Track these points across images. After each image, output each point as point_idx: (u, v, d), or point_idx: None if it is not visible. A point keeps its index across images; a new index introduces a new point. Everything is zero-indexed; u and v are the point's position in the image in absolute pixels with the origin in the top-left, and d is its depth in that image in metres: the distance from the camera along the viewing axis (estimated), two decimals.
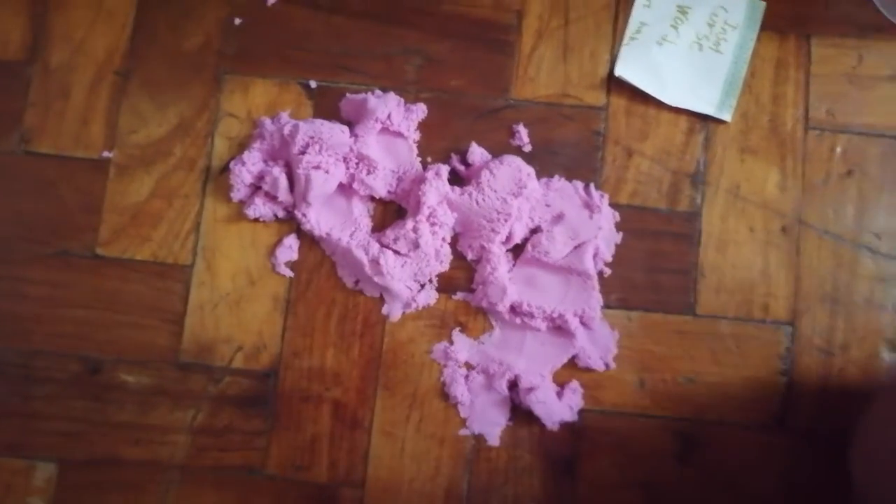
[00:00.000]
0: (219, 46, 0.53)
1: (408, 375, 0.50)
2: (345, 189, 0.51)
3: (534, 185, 0.50)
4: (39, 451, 0.50)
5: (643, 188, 0.52)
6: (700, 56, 0.53)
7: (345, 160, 0.51)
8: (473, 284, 0.51)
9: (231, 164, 0.51)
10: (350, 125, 0.51)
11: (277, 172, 0.50)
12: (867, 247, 0.51)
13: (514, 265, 0.51)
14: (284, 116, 0.52)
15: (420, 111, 0.52)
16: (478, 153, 0.52)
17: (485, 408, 0.50)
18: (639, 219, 0.52)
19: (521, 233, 0.51)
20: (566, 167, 0.52)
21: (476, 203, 0.50)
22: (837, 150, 0.52)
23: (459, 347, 0.50)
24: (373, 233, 0.51)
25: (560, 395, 0.49)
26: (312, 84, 0.53)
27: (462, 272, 0.51)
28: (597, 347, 0.50)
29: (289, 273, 0.51)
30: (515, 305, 0.50)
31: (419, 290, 0.51)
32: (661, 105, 0.52)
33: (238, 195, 0.51)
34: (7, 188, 0.52)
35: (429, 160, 0.52)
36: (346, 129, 0.51)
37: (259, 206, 0.51)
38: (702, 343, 0.50)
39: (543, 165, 0.52)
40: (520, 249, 0.51)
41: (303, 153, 0.50)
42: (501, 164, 0.50)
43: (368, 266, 0.50)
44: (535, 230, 0.51)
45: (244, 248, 0.51)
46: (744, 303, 0.51)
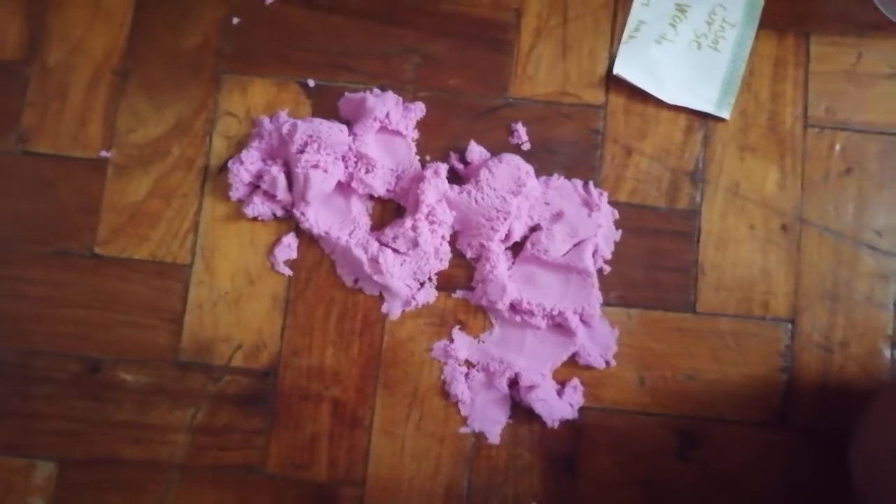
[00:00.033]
0: (217, 46, 0.53)
1: (408, 374, 0.50)
2: (343, 188, 0.51)
3: (533, 184, 0.50)
4: (39, 451, 0.50)
5: (642, 186, 0.52)
6: (699, 54, 0.53)
7: (343, 159, 0.51)
8: (473, 282, 0.51)
9: (229, 164, 0.51)
10: (349, 124, 0.51)
11: (276, 171, 0.50)
12: (867, 244, 0.51)
13: (514, 263, 0.51)
14: (283, 115, 0.52)
15: (419, 110, 0.52)
16: (476, 152, 0.52)
17: (485, 406, 0.50)
18: (638, 217, 0.51)
19: (521, 231, 0.51)
20: (565, 165, 0.52)
21: (475, 201, 0.50)
22: (837, 148, 0.52)
23: (459, 345, 0.50)
24: (372, 231, 0.51)
25: (560, 393, 0.49)
26: (311, 83, 0.53)
27: (461, 270, 0.51)
28: (597, 345, 0.50)
29: (288, 272, 0.51)
30: (515, 303, 0.50)
31: (418, 289, 0.51)
32: (660, 103, 0.52)
33: (237, 194, 0.51)
34: (5, 188, 0.52)
35: (427, 159, 0.52)
36: (345, 128, 0.51)
37: (258, 205, 0.51)
38: (702, 340, 0.50)
39: (542, 164, 0.52)
40: (519, 247, 0.51)
41: (301, 152, 0.50)
42: (500, 163, 0.50)
43: (367, 265, 0.49)
44: (535, 228, 0.51)
45: (243, 247, 0.51)
46: (744, 300, 0.51)
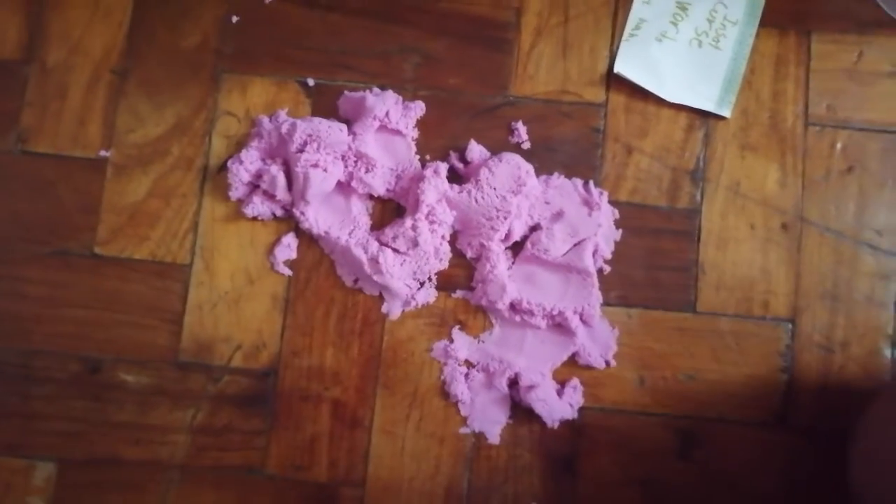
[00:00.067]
0: (216, 45, 0.53)
1: (407, 374, 0.50)
2: (343, 187, 0.51)
3: (533, 183, 0.50)
4: (39, 451, 0.50)
5: (643, 185, 0.52)
6: (699, 52, 0.53)
7: (343, 158, 0.51)
8: (473, 282, 0.51)
9: (229, 163, 0.51)
10: (348, 123, 0.51)
11: (275, 171, 0.50)
12: (868, 243, 0.51)
13: (514, 263, 0.51)
14: (282, 115, 0.52)
15: (418, 109, 0.52)
16: (476, 151, 0.51)
17: (485, 406, 0.50)
18: (638, 216, 0.51)
19: (521, 230, 0.50)
20: (565, 164, 0.52)
21: (475, 201, 0.50)
22: (838, 147, 0.52)
23: (459, 345, 0.50)
24: (372, 231, 0.51)
25: (560, 393, 0.49)
26: (310, 82, 0.53)
27: (461, 270, 0.51)
28: (597, 345, 0.50)
29: (287, 272, 0.51)
30: (515, 303, 0.50)
31: (418, 289, 0.51)
32: (661, 102, 0.52)
33: (236, 194, 0.51)
34: (4, 188, 0.52)
35: (427, 158, 0.52)
36: (345, 128, 0.51)
37: (257, 205, 0.51)
38: (702, 340, 0.50)
39: (542, 163, 0.52)
40: (519, 247, 0.51)
41: (301, 151, 0.49)
42: (500, 162, 0.50)
43: (367, 264, 0.49)
44: (535, 228, 0.51)
45: (243, 247, 0.51)
46: (744, 300, 0.50)
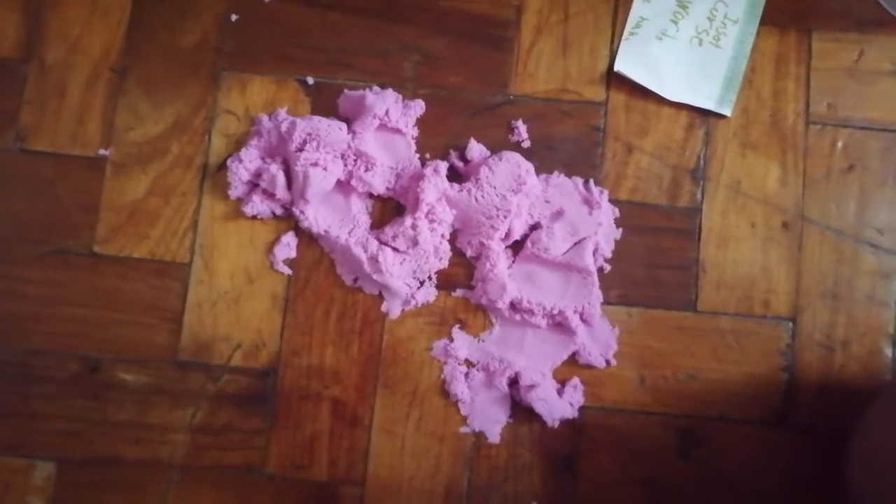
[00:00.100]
0: (216, 43, 0.53)
1: (407, 373, 0.50)
2: (343, 186, 0.51)
3: (533, 182, 0.50)
4: (39, 450, 0.50)
5: (643, 184, 0.52)
6: (700, 51, 0.53)
7: (343, 157, 0.50)
8: (473, 281, 0.51)
9: (228, 162, 0.51)
10: (348, 122, 0.51)
11: (275, 170, 0.50)
12: (869, 242, 0.51)
13: (514, 262, 0.51)
14: (282, 113, 0.52)
15: (418, 107, 0.52)
16: (476, 149, 0.51)
17: (485, 405, 0.50)
18: (639, 215, 0.51)
19: (521, 229, 0.50)
20: (565, 163, 0.52)
21: (475, 200, 0.49)
22: (839, 145, 0.52)
23: (459, 345, 0.50)
24: (371, 230, 0.51)
25: (560, 392, 0.49)
26: (310, 81, 0.53)
27: (461, 269, 0.51)
28: (597, 344, 0.50)
29: (287, 271, 0.51)
30: (515, 302, 0.50)
31: (418, 288, 0.50)
32: (661, 100, 0.52)
33: (236, 193, 0.51)
34: (3, 187, 0.52)
35: (427, 157, 0.52)
36: (344, 126, 0.50)
37: (257, 204, 0.51)
38: (702, 339, 0.50)
39: (543, 161, 0.51)
40: (519, 246, 0.51)
41: (300, 150, 0.49)
42: (500, 161, 0.50)
43: (367, 263, 0.49)
44: (535, 227, 0.51)
45: (242, 246, 0.51)
46: (744, 299, 0.50)
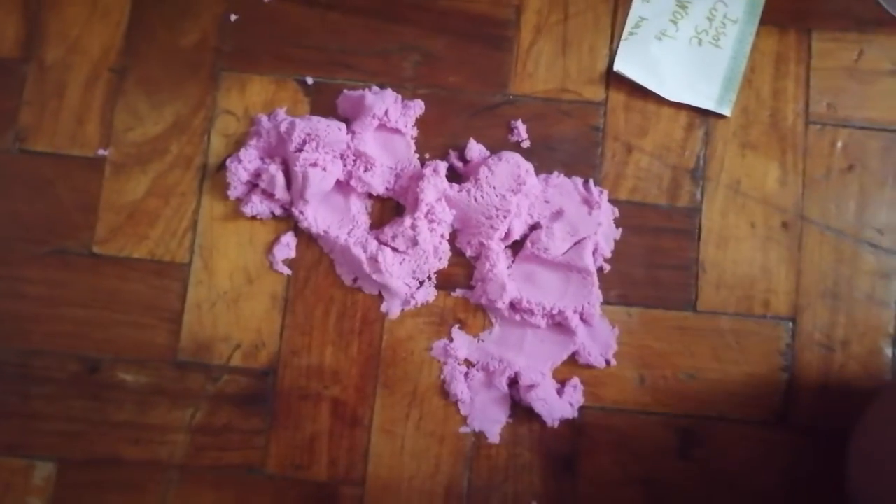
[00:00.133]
0: (215, 43, 0.53)
1: (407, 373, 0.50)
2: (342, 186, 0.51)
3: (532, 182, 0.50)
4: (38, 451, 0.50)
5: (643, 184, 0.52)
6: (699, 51, 0.53)
7: (342, 157, 0.50)
8: (472, 281, 0.51)
9: (228, 162, 0.51)
10: (347, 122, 0.51)
11: (274, 170, 0.50)
12: (869, 242, 0.51)
13: (514, 262, 0.51)
14: (281, 113, 0.52)
15: (417, 107, 0.52)
16: (476, 149, 0.51)
17: (485, 405, 0.50)
18: (638, 215, 0.51)
19: (520, 229, 0.50)
20: (565, 163, 0.52)
21: (474, 200, 0.49)
22: (838, 145, 0.52)
23: (459, 345, 0.50)
24: (371, 230, 0.51)
25: (560, 392, 0.49)
26: (309, 81, 0.52)
27: (461, 269, 0.51)
28: (597, 344, 0.50)
29: (287, 271, 0.51)
30: (515, 302, 0.50)
31: (418, 288, 0.50)
32: (661, 100, 0.52)
33: (235, 193, 0.51)
34: (3, 187, 0.52)
35: (427, 157, 0.52)
36: (344, 126, 0.50)
37: (256, 204, 0.51)
38: (702, 339, 0.50)
39: (542, 161, 0.51)
40: (519, 246, 0.51)
41: (300, 150, 0.49)
42: (500, 161, 0.50)
43: (367, 263, 0.49)
44: (534, 227, 0.51)
45: (242, 246, 0.51)
46: (744, 298, 0.50)
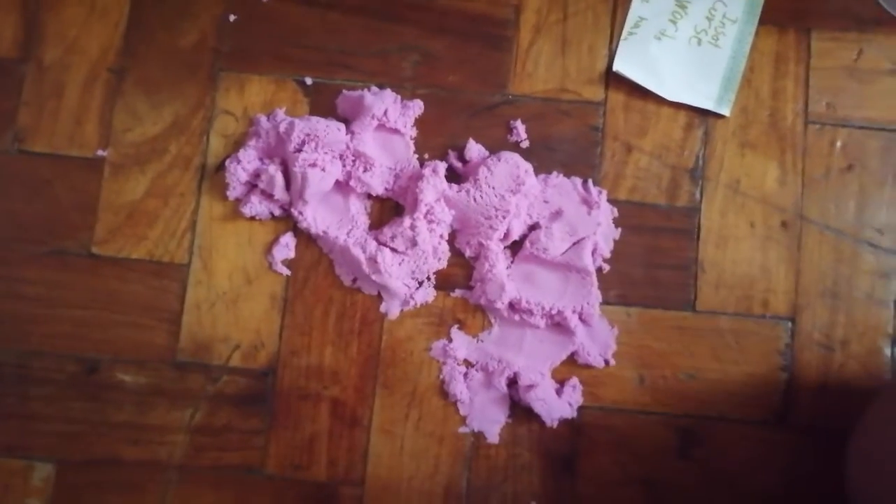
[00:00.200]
0: (214, 44, 0.53)
1: (406, 373, 0.50)
2: (341, 187, 0.51)
3: (532, 182, 0.50)
4: (37, 452, 0.50)
5: (642, 184, 0.51)
6: (699, 50, 0.53)
7: (341, 157, 0.50)
8: (472, 282, 0.51)
9: (227, 163, 0.51)
10: (346, 122, 0.51)
11: (273, 170, 0.50)
12: (868, 241, 0.51)
13: (513, 262, 0.51)
14: (280, 114, 0.51)
15: (417, 107, 0.52)
16: (475, 150, 0.51)
17: (484, 405, 0.50)
18: (638, 214, 0.51)
19: (520, 229, 0.50)
20: (564, 163, 0.52)
21: (474, 200, 0.49)
22: (838, 145, 0.52)
23: (458, 345, 0.50)
24: (370, 230, 0.51)
25: (559, 393, 0.49)
26: (308, 81, 0.52)
27: (460, 269, 0.51)
28: (596, 344, 0.50)
29: (286, 271, 0.51)
30: (514, 302, 0.50)
31: (417, 288, 0.50)
32: (660, 100, 0.52)
33: (234, 193, 0.51)
34: (1, 188, 0.52)
35: (426, 157, 0.52)
36: (343, 127, 0.50)
37: (255, 205, 0.50)
38: (702, 339, 0.50)
39: (541, 161, 0.51)
40: (518, 246, 0.51)
41: (299, 151, 0.49)
42: (499, 161, 0.50)
43: (366, 264, 0.49)
44: (534, 227, 0.51)
45: (241, 247, 0.51)
46: (744, 298, 0.50)
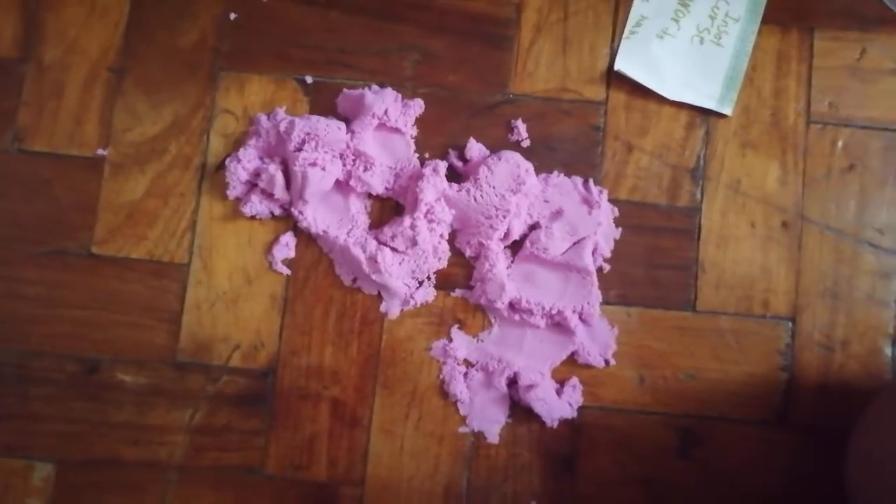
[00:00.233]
0: (214, 43, 0.53)
1: (406, 373, 0.50)
2: (342, 186, 0.51)
3: (532, 181, 0.50)
4: (37, 452, 0.50)
5: (643, 183, 0.51)
6: (701, 49, 0.52)
7: (341, 157, 0.50)
8: (472, 281, 0.51)
9: (227, 162, 0.51)
10: (347, 121, 0.51)
11: (273, 170, 0.50)
12: (869, 242, 0.51)
13: (513, 262, 0.50)
14: (280, 113, 0.51)
15: (417, 107, 0.51)
16: (476, 149, 0.51)
17: (484, 405, 0.50)
18: (638, 214, 0.51)
19: (520, 229, 0.50)
20: (565, 163, 0.52)
21: (474, 199, 0.49)
22: (839, 145, 0.51)
23: (458, 345, 0.50)
24: (370, 230, 0.51)
25: (559, 393, 0.49)
26: (309, 80, 0.52)
27: (460, 269, 0.51)
28: (596, 344, 0.50)
29: (286, 271, 0.51)
30: (514, 302, 0.50)
31: (417, 288, 0.50)
32: (662, 99, 0.52)
33: (234, 193, 0.51)
34: (1, 188, 0.52)
35: (426, 156, 0.52)
36: (343, 126, 0.50)
37: (255, 204, 0.50)
38: (702, 339, 0.50)
39: (542, 161, 0.51)
40: (518, 246, 0.51)
41: (299, 150, 0.49)
42: (499, 160, 0.49)
43: (366, 263, 0.49)
44: (534, 226, 0.51)
45: (241, 247, 0.51)
46: (744, 298, 0.50)
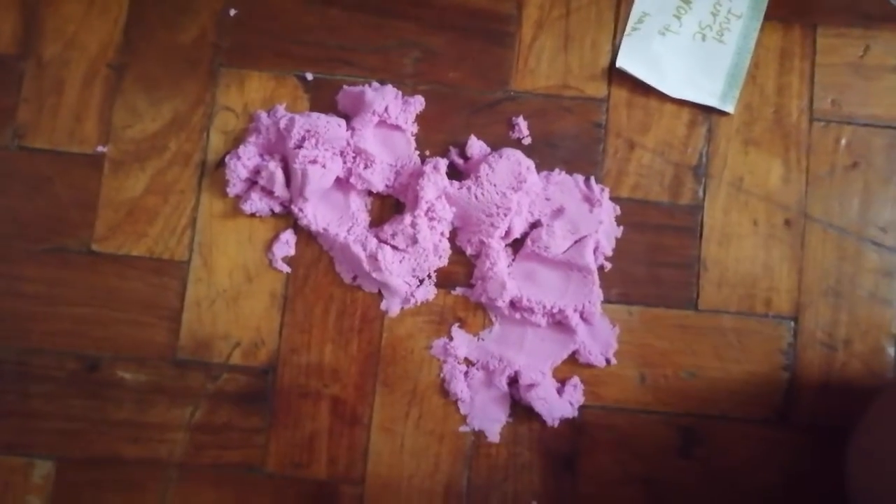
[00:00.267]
0: (214, 39, 0.53)
1: (407, 371, 0.50)
2: (342, 183, 0.51)
3: (533, 179, 0.50)
4: (38, 449, 0.50)
5: (645, 181, 0.51)
6: (703, 46, 0.52)
7: (342, 154, 0.50)
8: (472, 279, 0.50)
9: (227, 159, 0.51)
10: (347, 118, 0.51)
11: (273, 167, 0.50)
12: (872, 240, 0.50)
13: (514, 260, 0.50)
14: (280, 110, 0.51)
15: (418, 104, 0.51)
16: (476, 146, 0.51)
17: (484, 404, 0.50)
18: (640, 212, 0.51)
19: (521, 227, 0.50)
20: (566, 160, 0.51)
21: (475, 197, 0.49)
22: (842, 142, 0.51)
23: (459, 343, 0.50)
24: (370, 228, 0.51)
25: (560, 392, 0.49)
26: (309, 77, 0.52)
27: (461, 267, 0.51)
28: (597, 343, 0.50)
29: (286, 269, 0.51)
30: (515, 301, 0.49)
31: (418, 286, 0.50)
32: (664, 97, 0.52)
33: (234, 190, 0.51)
34: (1, 185, 0.51)
35: (427, 154, 0.51)
36: (343, 123, 0.50)
37: (255, 201, 0.50)
38: (704, 338, 0.50)
39: (543, 158, 0.51)
40: (519, 244, 0.50)
41: (299, 147, 0.49)
42: (501, 158, 0.49)
43: (366, 261, 0.49)
44: (535, 224, 0.50)
45: (241, 244, 0.51)
46: (746, 297, 0.50)
